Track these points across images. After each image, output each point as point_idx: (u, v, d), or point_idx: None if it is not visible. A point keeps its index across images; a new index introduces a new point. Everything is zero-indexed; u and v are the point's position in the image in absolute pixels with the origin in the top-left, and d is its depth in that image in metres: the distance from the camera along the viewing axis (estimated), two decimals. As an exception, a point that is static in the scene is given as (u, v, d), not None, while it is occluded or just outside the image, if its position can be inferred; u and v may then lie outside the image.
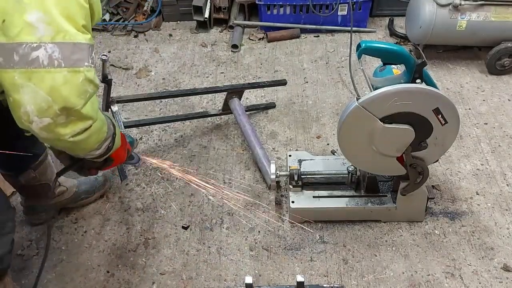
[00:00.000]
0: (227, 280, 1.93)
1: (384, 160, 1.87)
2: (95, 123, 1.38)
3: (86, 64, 1.28)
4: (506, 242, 2.04)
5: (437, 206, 2.20)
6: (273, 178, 2.08)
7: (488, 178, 2.32)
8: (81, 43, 1.27)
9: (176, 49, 3.30)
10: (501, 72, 2.97)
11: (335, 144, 2.46)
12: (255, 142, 2.36)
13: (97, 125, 1.39)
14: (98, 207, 2.22)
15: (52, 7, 1.23)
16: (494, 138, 2.54)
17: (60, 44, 1.24)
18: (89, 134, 1.37)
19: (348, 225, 2.11)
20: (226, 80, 3.02)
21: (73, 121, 1.31)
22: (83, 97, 1.29)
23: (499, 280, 1.90)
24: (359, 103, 1.71)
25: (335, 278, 1.92)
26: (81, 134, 1.35)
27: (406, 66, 1.79)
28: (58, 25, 1.24)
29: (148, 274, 1.95)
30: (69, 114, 1.28)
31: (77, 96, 1.28)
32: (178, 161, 2.45)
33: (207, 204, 2.23)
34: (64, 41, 1.24)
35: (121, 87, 2.98)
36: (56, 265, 1.99)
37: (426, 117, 1.75)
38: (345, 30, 3.39)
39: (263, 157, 2.29)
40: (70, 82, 1.26)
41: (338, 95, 2.87)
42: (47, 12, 1.22)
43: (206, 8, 3.40)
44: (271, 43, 3.35)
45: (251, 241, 2.07)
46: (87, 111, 1.31)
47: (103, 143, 1.49)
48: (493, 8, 2.79)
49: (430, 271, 1.94)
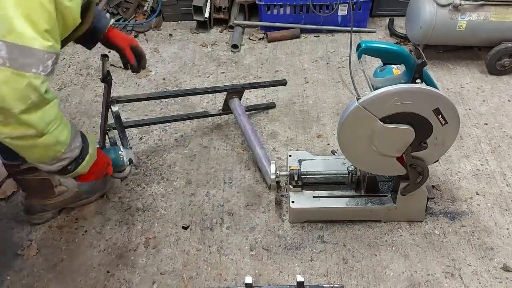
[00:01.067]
0: (227, 280, 1.93)
1: (384, 160, 1.87)
2: (44, 137, 1.37)
3: (34, 71, 1.27)
4: (506, 242, 2.04)
5: (437, 206, 2.20)
6: (273, 178, 2.08)
7: (488, 178, 2.33)
8: (35, 48, 1.25)
9: (176, 49, 3.30)
10: (501, 72, 2.97)
11: (335, 144, 2.46)
12: (255, 142, 2.36)
13: (46, 139, 1.38)
14: (98, 207, 2.22)
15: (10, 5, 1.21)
16: (494, 139, 2.55)
17: (9, 44, 1.22)
18: (32, 144, 1.37)
19: (348, 225, 2.12)
20: (226, 80, 3.02)
21: (11, 123, 1.30)
22: (23, 102, 1.27)
23: (499, 280, 1.90)
24: (359, 103, 1.71)
25: (335, 278, 1.92)
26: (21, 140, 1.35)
27: (406, 66, 1.79)
28: (13, 25, 1.22)
29: (148, 274, 1.95)
30: (6, 115, 1.27)
31: (16, 100, 1.26)
32: (179, 161, 2.45)
33: (208, 204, 2.24)
34: (14, 42, 1.22)
35: (121, 87, 2.98)
36: (56, 264, 1.99)
37: (426, 117, 1.75)
38: (345, 30, 3.39)
39: (263, 157, 2.29)
40: (11, 83, 1.25)
41: (338, 95, 2.87)
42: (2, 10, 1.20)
43: (206, 8, 3.40)
44: (271, 43, 3.35)
45: (251, 241, 2.07)
46: (29, 119, 1.30)
47: (56, 162, 1.49)
48: (493, 8, 2.79)
49: (430, 271, 1.94)
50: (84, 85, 3.01)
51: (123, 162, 1.90)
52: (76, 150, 1.55)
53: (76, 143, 1.54)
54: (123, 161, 1.90)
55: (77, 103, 2.86)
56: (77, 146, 1.55)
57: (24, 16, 1.23)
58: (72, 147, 1.52)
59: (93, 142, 1.67)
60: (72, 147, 1.52)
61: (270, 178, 2.10)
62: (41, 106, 1.34)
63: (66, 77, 3.08)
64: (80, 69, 3.15)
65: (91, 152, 1.62)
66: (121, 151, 1.91)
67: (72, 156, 1.54)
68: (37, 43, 1.26)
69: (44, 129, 1.36)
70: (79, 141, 1.56)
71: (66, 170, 1.56)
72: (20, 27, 1.23)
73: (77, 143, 1.55)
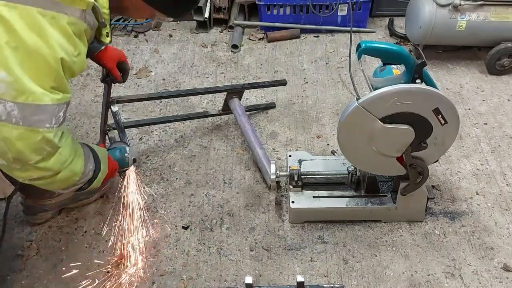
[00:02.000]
0: (227, 281, 1.93)
1: (384, 160, 1.87)
2: (61, 174, 1.44)
3: (47, 126, 1.32)
4: (506, 242, 2.04)
5: (437, 206, 2.20)
6: (273, 178, 2.08)
7: (488, 178, 2.33)
8: (46, 104, 1.29)
9: (176, 50, 3.30)
10: (500, 72, 2.97)
11: (335, 144, 2.46)
12: (255, 142, 2.36)
13: (63, 175, 1.46)
14: (98, 207, 2.22)
15: (16, 67, 1.23)
16: (494, 138, 2.55)
17: (20, 104, 1.26)
18: (51, 181, 1.45)
19: (348, 225, 2.12)
20: (226, 80, 3.02)
21: (29, 169, 1.37)
22: (38, 154, 1.34)
23: (499, 280, 1.90)
24: (359, 103, 1.71)
25: (335, 278, 1.92)
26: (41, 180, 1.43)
27: (406, 66, 1.79)
28: (22, 86, 1.25)
29: (148, 274, 1.95)
30: (24, 164, 1.34)
31: (32, 152, 1.33)
32: (178, 162, 2.45)
33: (207, 204, 2.24)
34: (26, 103, 1.26)
35: (121, 87, 2.97)
36: (56, 265, 1.99)
37: (426, 117, 1.75)
38: (345, 30, 3.39)
39: (263, 157, 2.29)
40: (26, 139, 1.30)
41: (338, 95, 2.87)
42: (10, 73, 1.23)
43: (206, 8, 3.40)
44: (271, 43, 3.35)
45: (251, 241, 2.07)
46: (46, 165, 1.38)
47: (71, 187, 1.56)
48: (492, 8, 2.79)
49: (430, 271, 1.94)
50: (84, 85, 3.01)
51: (128, 164, 1.92)
52: (90, 173, 1.60)
53: (89, 167, 1.59)
54: (128, 163, 1.92)
55: (77, 103, 2.85)
56: (91, 169, 1.60)
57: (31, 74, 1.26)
58: (86, 172, 1.58)
59: (104, 157, 1.70)
60: (86, 172, 1.57)
61: (270, 178, 2.10)
62: (56, 152, 1.40)
63: (65, 77, 3.08)
64: (80, 69, 3.15)
65: (103, 169, 1.66)
66: (127, 153, 1.92)
67: (86, 179, 1.60)
68: (47, 98, 1.30)
69: (60, 169, 1.44)
70: (92, 164, 1.61)
71: (80, 189, 1.62)
72: (29, 87, 1.26)
73: (90, 166, 1.59)
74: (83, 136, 2.61)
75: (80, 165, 1.53)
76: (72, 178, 1.52)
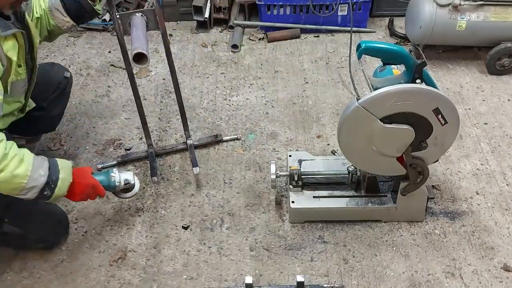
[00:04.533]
0: (227, 280, 1.93)
1: (384, 160, 1.87)
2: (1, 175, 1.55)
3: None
4: (506, 242, 2.04)
5: (437, 206, 2.20)
6: (273, 178, 2.08)
7: (488, 178, 2.33)
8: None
9: (176, 50, 3.30)
10: (500, 72, 2.97)
11: (335, 144, 2.46)
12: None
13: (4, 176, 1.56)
14: (98, 208, 2.22)
15: None
16: (494, 138, 2.55)
17: None
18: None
19: (349, 225, 2.12)
20: (226, 80, 3.02)
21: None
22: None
23: (499, 280, 1.90)
24: (359, 103, 1.71)
25: (335, 278, 1.92)
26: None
27: (406, 66, 1.80)
28: None
29: (149, 274, 1.95)
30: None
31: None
32: (178, 162, 2.45)
33: (208, 204, 2.24)
34: None
35: (122, 87, 2.98)
36: (57, 265, 1.99)
37: (426, 117, 1.75)
38: (345, 30, 3.39)
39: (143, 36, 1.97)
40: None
41: (338, 95, 2.87)
42: None
43: (206, 8, 3.41)
44: (271, 43, 3.35)
45: (251, 241, 2.07)
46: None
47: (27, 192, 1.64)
48: (492, 8, 2.79)
49: (430, 271, 1.94)
50: (84, 85, 3.01)
51: (114, 183, 1.92)
52: (42, 179, 1.66)
53: (40, 172, 1.66)
54: (114, 182, 1.92)
55: (77, 103, 2.86)
56: (42, 174, 1.66)
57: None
58: (35, 177, 1.64)
59: (66, 167, 1.75)
60: (35, 177, 1.64)
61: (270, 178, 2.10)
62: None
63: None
64: (80, 69, 3.15)
65: (62, 177, 1.71)
66: (113, 173, 1.93)
67: (39, 184, 1.66)
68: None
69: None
70: (44, 171, 1.67)
71: (43, 196, 1.69)
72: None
73: (41, 172, 1.66)
74: (83, 136, 2.61)
75: (24, 168, 1.61)
76: (17, 180, 1.60)
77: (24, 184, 1.62)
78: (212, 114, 2.76)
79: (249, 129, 2.65)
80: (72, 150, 2.53)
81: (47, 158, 1.73)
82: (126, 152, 2.51)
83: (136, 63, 1.87)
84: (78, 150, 2.53)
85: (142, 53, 1.85)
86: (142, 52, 1.85)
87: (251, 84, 2.98)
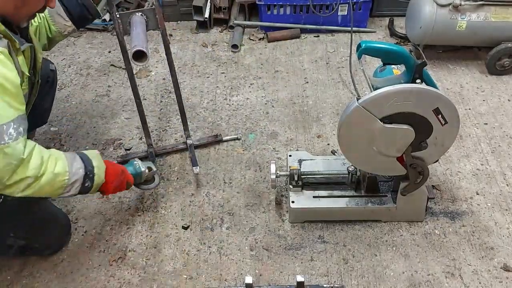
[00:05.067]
0: (227, 280, 1.93)
1: (384, 160, 1.87)
2: (44, 178, 1.57)
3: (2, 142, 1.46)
4: (506, 242, 2.04)
5: (437, 206, 2.20)
6: (273, 178, 2.08)
7: (488, 178, 2.33)
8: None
9: (176, 49, 3.30)
10: (501, 73, 2.97)
11: (335, 144, 2.46)
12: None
13: (46, 178, 1.58)
14: (98, 207, 2.22)
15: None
16: (494, 138, 2.55)
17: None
18: (38, 187, 1.57)
19: (348, 225, 2.12)
20: (227, 80, 3.02)
21: (11, 185, 1.52)
22: (7, 169, 1.49)
23: (499, 280, 1.90)
24: (359, 103, 1.71)
25: (335, 278, 1.92)
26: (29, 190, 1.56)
27: (406, 66, 1.80)
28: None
29: (149, 274, 1.95)
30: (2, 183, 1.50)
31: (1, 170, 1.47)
32: (178, 161, 2.45)
33: (208, 204, 2.24)
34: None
35: (122, 87, 2.98)
36: (57, 265, 1.99)
37: (426, 117, 1.75)
38: (345, 30, 3.39)
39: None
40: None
41: (338, 95, 2.87)
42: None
43: (206, 8, 3.41)
44: (271, 43, 3.35)
45: (251, 241, 2.07)
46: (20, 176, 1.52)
47: (69, 187, 1.67)
48: (493, 9, 2.79)
49: (430, 271, 1.94)
50: (84, 85, 3.01)
51: (140, 169, 1.99)
52: (80, 171, 1.69)
53: (76, 165, 1.69)
54: (140, 168, 1.99)
55: (77, 103, 2.86)
56: (79, 167, 1.69)
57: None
58: (74, 170, 1.67)
59: (96, 156, 1.79)
60: (74, 171, 1.67)
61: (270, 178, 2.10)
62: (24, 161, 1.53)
63: (66, 77, 3.09)
64: (80, 69, 3.15)
65: (96, 164, 1.75)
66: (136, 161, 2.01)
67: (79, 177, 1.69)
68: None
69: (38, 174, 1.56)
70: (79, 163, 1.70)
71: (85, 188, 1.72)
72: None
73: (77, 165, 1.69)
74: (83, 136, 2.61)
75: (62, 166, 1.63)
76: (59, 179, 1.62)
77: (66, 181, 1.64)
78: (212, 114, 2.76)
79: (249, 129, 2.65)
80: (72, 150, 2.53)
81: (74, 152, 1.76)
82: (126, 152, 2.52)
83: (136, 61, 1.89)
84: (78, 150, 2.53)
85: (141, 50, 1.85)
86: (142, 50, 1.85)
87: (251, 84, 2.99)
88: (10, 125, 1.47)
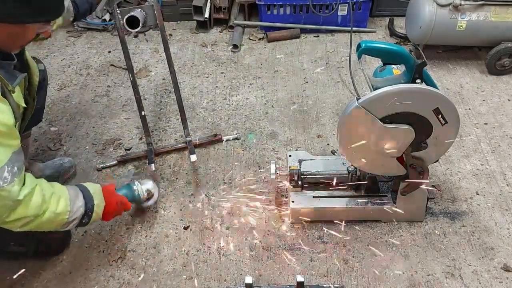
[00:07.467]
0: (227, 280, 1.93)
1: (384, 160, 1.87)
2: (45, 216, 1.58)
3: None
4: (506, 242, 2.04)
5: (437, 206, 2.20)
6: (273, 178, 2.08)
7: (488, 178, 2.33)
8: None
9: (176, 49, 3.30)
10: (501, 72, 2.97)
11: (335, 144, 2.46)
12: None
13: (47, 216, 1.59)
14: (98, 207, 2.22)
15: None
16: (494, 138, 2.54)
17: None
18: (39, 223, 1.58)
19: (348, 225, 2.11)
20: (226, 80, 3.02)
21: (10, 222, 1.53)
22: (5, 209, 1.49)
23: (499, 280, 1.90)
24: (359, 103, 1.71)
25: (335, 278, 1.92)
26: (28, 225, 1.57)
27: (406, 66, 1.79)
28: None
29: (148, 274, 1.95)
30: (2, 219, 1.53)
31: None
32: (178, 162, 2.45)
33: (207, 204, 2.24)
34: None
35: (121, 87, 2.98)
36: (56, 265, 1.99)
37: (426, 117, 1.75)
38: (345, 30, 3.39)
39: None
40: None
41: (338, 95, 2.87)
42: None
43: (206, 8, 3.41)
44: (271, 43, 3.35)
45: (251, 241, 2.07)
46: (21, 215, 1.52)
47: (67, 224, 1.68)
48: (493, 8, 2.79)
49: (430, 271, 1.94)
50: (84, 85, 3.01)
51: (139, 196, 2.03)
52: (81, 209, 1.71)
53: (78, 204, 1.70)
54: (138, 195, 2.02)
55: (77, 103, 2.86)
56: (80, 206, 1.70)
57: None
58: (75, 209, 1.68)
59: (97, 192, 1.79)
60: (75, 210, 1.68)
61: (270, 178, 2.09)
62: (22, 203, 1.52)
63: (66, 77, 3.08)
64: (80, 69, 3.15)
65: (97, 203, 1.77)
66: (135, 186, 2.02)
67: (79, 215, 1.70)
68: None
69: (38, 212, 1.56)
70: (81, 202, 1.71)
71: (82, 223, 1.74)
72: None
73: (79, 203, 1.70)
74: (83, 136, 2.61)
75: (64, 205, 1.64)
76: (60, 217, 1.63)
77: (66, 219, 1.66)
78: (211, 114, 2.76)
79: (249, 129, 2.65)
80: (72, 150, 2.53)
81: (77, 187, 1.76)
82: (126, 152, 2.51)
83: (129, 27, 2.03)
84: (78, 150, 2.53)
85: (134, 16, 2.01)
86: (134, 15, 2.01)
87: (251, 84, 2.98)
88: (4, 169, 1.44)
